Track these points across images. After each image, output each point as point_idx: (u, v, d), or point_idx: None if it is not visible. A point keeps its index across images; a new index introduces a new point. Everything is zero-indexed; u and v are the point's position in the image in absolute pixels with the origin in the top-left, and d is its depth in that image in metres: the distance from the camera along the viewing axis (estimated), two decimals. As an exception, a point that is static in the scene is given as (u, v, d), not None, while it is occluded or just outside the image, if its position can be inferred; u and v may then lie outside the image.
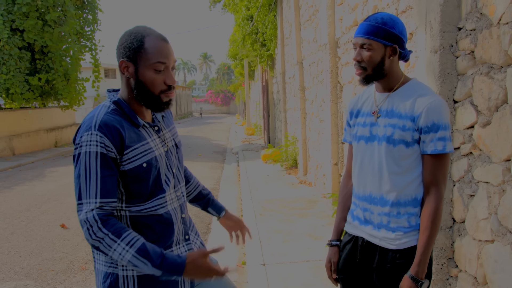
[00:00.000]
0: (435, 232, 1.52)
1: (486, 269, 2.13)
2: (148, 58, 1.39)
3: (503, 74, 1.97)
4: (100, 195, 1.34)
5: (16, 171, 10.53)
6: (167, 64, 1.41)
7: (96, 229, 1.32)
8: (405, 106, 1.57)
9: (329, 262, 1.82)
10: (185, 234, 1.60)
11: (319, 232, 4.55)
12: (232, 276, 3.68)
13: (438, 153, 1.52)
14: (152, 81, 1.40)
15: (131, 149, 1.40)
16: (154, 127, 1.53)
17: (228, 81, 66.20)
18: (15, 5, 11.78)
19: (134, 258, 1.33)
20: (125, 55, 1.41)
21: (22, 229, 5.41)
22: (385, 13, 1.60)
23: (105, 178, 1.35)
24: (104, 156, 1.35)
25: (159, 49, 1.40)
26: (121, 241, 1.33)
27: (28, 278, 3.88)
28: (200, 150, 13.74)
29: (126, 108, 1.45)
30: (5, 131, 13.23)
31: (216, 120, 38.59)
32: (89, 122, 1.38)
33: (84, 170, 1.34)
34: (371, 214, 1.66)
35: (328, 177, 5.56)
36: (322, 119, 6.14)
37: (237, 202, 6.42)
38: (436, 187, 1.54)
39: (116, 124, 1.39)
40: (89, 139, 1.35)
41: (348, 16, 4.59)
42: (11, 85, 11.75)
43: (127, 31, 1.44)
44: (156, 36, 1.41)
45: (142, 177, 1.43)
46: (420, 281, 1.51)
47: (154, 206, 1.47)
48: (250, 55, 12.90)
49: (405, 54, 1.63)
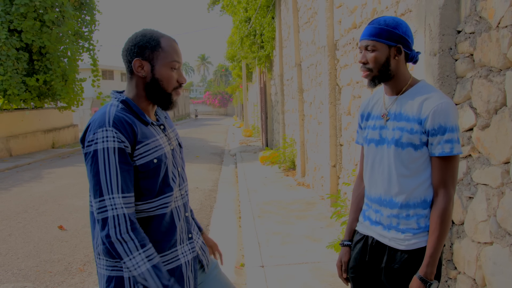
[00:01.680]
0: (445, 233, 1.53)
1: (485, 271, 2.14)
2: (166, 57, 1.46)
3: (502, 77, 1.98)
4: (122, 190, 1.36)
5: (13, 172, 10.50)
6: (180, 63, 1.50)
7: (124, 230, 1.34)
8: (412, 109, 1.57)
9: (340, 262, 1.85)
10: (188, 233, 1.61)
11: (317, 234, 4.56)
12: (231, 278, 3.68)
13: (446, 155, 1.52)
14: (168, 78, 1.47)
15: (142, 144, 1.43)
16: (160, 125, 1.56)
17: (225, 83, 66.27)
18: (13, 6, 11.76)
19: (148, 272, 1.35)
20: (140, 54, 1.45)
21: (19, 230, 5.39)
22: (389, 16, 1.63)
23: (124, 173, 1.37)
24: (122, 151, 1.37)
25: (175, 48, 1.49)
26: (144, 251, 1.36)
27: (26, 280, 3.86)
28: (198, 152, 13.73)
29: (135, 106, 1.47)
30: (2, 132, 13.19)
31: (213, 122, 38.58)
32: (102, 119, 1.39)
33: (104, 166, 1.35)
34: (381, 216, 1.68)
35: (326, 179, 5.57)
36: (320, 121, 6.15)
37: (235, 204, 6.41)
38: (444, 189, 1.54)
39: (129, 120, 1.42)
40: (105, 135, 1.36)
41: (346, 19, 4.61)
42: (8, 86, 11.72)
43: (139, 33, 1.48)
44: (169, 38, 1.49)
45: (152, 173, 1.45)
46: (429, 282, 1.52)
47: (161, 204, 1.49)
48: (248, 57, 12.91)
49: (412, 55, 1.63)
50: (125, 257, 1.34)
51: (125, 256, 1.34)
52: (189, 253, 1.59)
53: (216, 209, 6.18)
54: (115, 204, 1.34)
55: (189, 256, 1.59)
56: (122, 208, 1.35)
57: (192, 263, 1.60)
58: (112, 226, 1.33)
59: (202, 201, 6.75)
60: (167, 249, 1.50)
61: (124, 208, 1.35)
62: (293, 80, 8.34)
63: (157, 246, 1.47)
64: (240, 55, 13.98)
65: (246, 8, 11.74)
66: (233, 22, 14.36)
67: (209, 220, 5.61)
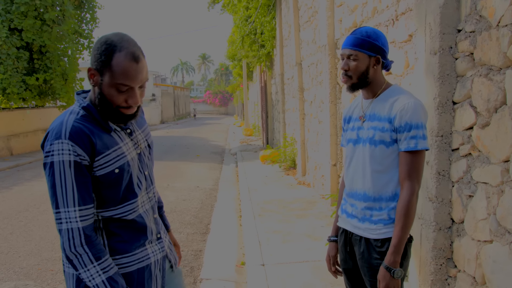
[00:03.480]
0: (408, 224, 1.63)
1: (484, 269, 2.15)
2: (112, 76, 1.35)
3: (502, 75, 1.99)
4: (78, 203, 1.34)
5: (14, 171, 10.52)
6: (131, 86, 1.37)
7: (78, 244, 1.34)
8: (384, 110, 1.73)
9: (328, 256, 2.00)
10: (157, 233, 1.62)
11: (318, 233, 4.57)
12: (232, 276, 3.69)
13: (411, 150, 1.65)
14: (111, 97, 1.38)
15: (102, 155, 1.39)
16: (126, 129, 1.51)
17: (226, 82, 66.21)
18: (13, 5, 11.76)
19: (102, 284, 1.36)
20: (94, 63, 1.37)
21: (21, 229, 5.40)
22: (369, 27, 1.78)
23: (81, 186, 1.35)
24: (78, 164, 1.34)
25: (126, 70, 1.34)
26: (98, 264, 1.36)
27: (27, 278, 3.88)
28: (198, 151, 13.74)
29: (96, 114, 1.42)
30: (3, 131, 13.21)
31: (214, 121, 38.59)
32: (58, 130, 1.35)
33: (60, 179, 1.33)
34: (356, 209, 1.82)
35: (327, 178, 5.57)
36: (321, 120, 6.16)
37: (236, 203, 6.42)
38: (408, 182, 1.65)
39: (87, 131, 1.37)
40: (61, 148, 1.32)
41: (347, 18, 4.61)
42: (7, 85, 11.73)
43: (103, 38, 1.37)
44: (126, 54, 1.34)
45: (113, 183, 1.43)
46: (393, 269, 1.62)
47: (127, 211, 1.48)
48: (249, 55, 12.90)
49: (387, 64, 1.80)
50: (80, 269, 1.35)
51: (80, 268, 1.35)
52: (159, 252, 1.60)
53: (217, 208, 6.20)
54: (69, 217, 1.34)
55: (159, 255, 1.60)
56: (76, 222, 1.34)
57: (161, 262, 1.62)
58: (67, 239, 1.34)
59: (203, 200, 6.76)
60: (136, 249, 1.51)
61: (79, 222, 1.34)
62: (293, 79, 8.34)
63: (126, 246, 1.48)
64: (240, 54, 13.98)
65: (247, 7, 11.74)
66: (233, 21, 14.35)
67: (209, 219, 5.62)
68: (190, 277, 3.76)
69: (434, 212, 2.48)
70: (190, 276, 3.78)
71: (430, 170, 2.50)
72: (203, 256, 4.26)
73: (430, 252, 2.52)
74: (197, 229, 5.21)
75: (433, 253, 2.50)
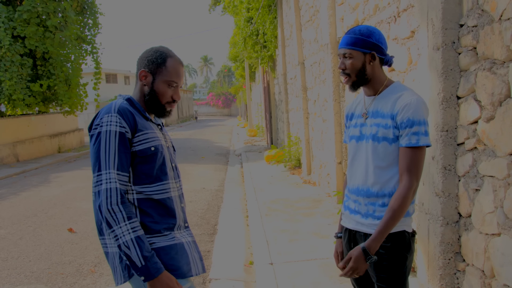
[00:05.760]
0: (398, 215, 1.64)
1: (493, 262, 2.16)
2: (166, 75, 1.67)
3: (505, 69, 2.00)
4: (117, 168, 1.54)
5: (21, 178, 10.59)
6: (178, 84, 1.70)
7: (115, 202, 1.50)
8: (387, 106, 1.75)
9: (336, 253, 2.01)
10: (184, 222, 1.77)
11: (325, 231, 4.58)
12: (241, 276, 3.71)
13: (412, 146, 1.66)
14: (163, 93, 1.68)
15: (142, 132, 1.62)
16: (158, 125, 1.78)
17: (229, 84, 66.30)
18: (16, 12, 11.85)
19: (131, 242, 1.49)
20: (147, 67, 1.67)
21: (30, 234, 5.45)
22: (363, 26, 1.81)
23: (122, 154, 1.55)
24: (122, 135, 1.56)
25: (177, 70, 1.69)
26: (130, 223, 1.51)
27: (38, 282, 3.91)
28: (203, 153, 13.78)
29: (138, 104, 1.69)
30: (9, 138, 13.30)
31: (217, 123, 38.65)
32: (109, 108, 1.60)
33: (105, 145, 1.54)
34: (359, 205, 1.83)
35: (332, 176, 5.59)
36: (325, 118, 6.17)
37: (242, 203, 6.45)
38: (407, 177, 1.66)
39: (132, 110, 1.63)
40: (110, 120, 1.56)
41: (349, 16, 4.62)
42: (13, 92, 11.82)
43: (153, 48, 1.71)
44: (176, 59, 1.70)
45: (149, 159, 1.62)
46: (369, 255, 1.65)
47: (159, 190, 1.65)
48: (251, 56, 12.93)
49: (387, 59, 1.81)
50: (114, 226, 1.49)
51: (114, 225, 1.49)
52: (188, 236, 1.74)
53: (224, 208, 6.22)
54: (110, 178, 1.51)
55: (189, 238, 1.73)
56: (115, 183, 1.52)
57: (194, 246, 1.74)
58: (105, 198, 1.49)
59: (209, 201, 6.79)
60: (165, 230, 1.64)
61: (117, 183, 1.52)
62: (296, 78, 8.36)
63: (155, 226, 1.62)
64: (243, 55, 14.02)
65: (248, 8, 11.77)
66: (235, 22, 14.39)
67: (216, 220, 5.65)
68: (199, 277, 3.79)
69: (441, 206, 2.49)
70: (199, 277, 3.80)
71: (436, 165, 2.51)
72: (211, 256, 4.28)
73: (438, 247, 2.53)
74: (204, 230, 5.23)
75: (441, 247, 2.51)
